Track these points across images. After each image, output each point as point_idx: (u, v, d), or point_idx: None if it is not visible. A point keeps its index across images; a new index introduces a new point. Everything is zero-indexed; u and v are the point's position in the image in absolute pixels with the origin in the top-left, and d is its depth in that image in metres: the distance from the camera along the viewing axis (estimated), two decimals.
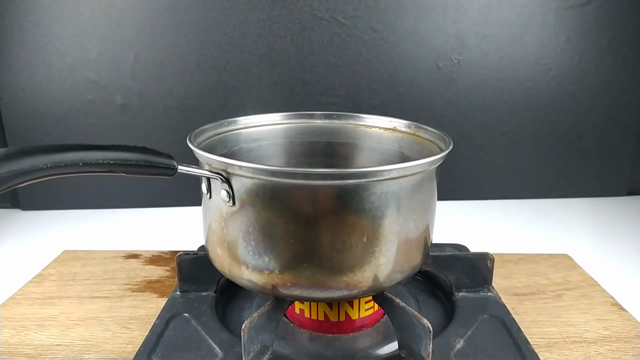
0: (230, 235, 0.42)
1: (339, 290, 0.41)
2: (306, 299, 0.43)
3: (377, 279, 0.41)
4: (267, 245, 0.40)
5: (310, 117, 0.58)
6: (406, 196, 0.41)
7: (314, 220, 0.39)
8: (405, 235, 0.42)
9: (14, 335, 0.52)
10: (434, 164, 0.43)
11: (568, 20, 0.85)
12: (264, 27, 0.83)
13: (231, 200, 0.40)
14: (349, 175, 0.38)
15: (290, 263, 0.40)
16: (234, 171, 0.39)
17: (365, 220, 0.39)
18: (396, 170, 0.39)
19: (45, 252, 0.71)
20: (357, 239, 0.39)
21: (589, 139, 0.92)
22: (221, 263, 0.45)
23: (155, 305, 0.57)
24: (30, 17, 0.81)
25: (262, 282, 0.41)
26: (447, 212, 0.90)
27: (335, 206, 0.38)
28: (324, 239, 0.39)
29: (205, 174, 0.41)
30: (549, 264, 0.67)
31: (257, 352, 0.43)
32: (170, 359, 0.44)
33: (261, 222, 0.40)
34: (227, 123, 0.54)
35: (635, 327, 0.53)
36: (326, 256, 0.39)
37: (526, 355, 0.45)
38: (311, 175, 0.38)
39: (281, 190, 0.38)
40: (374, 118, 0.57)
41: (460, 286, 0.55)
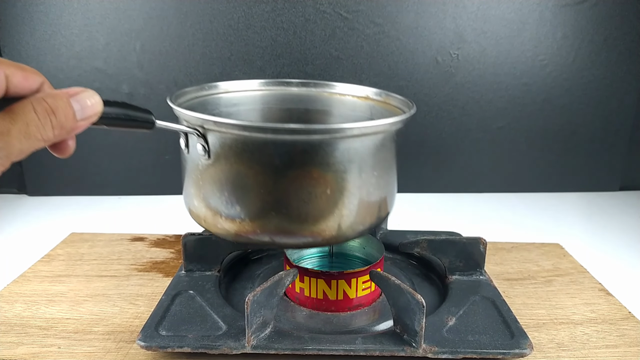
0: (206, 186, 0.45)
1: (304, 237, 0.44)
2: (274, 245, 0.46)
3: (339, 229, 0.45)
4: (239, 196, 0.43)
5: (288, 84, 0.61)
6: (368, 154, 0.44)
7: (282, 173, 0.42)
8: (367, 190, 0.45)
9: (26, 309, 0.54)
10: (394, 126, 0.45)
11: (564, 18, 0.87)
12: (268, 19, 0.85)
13: (207, 154, 0.43)
14: (314, 131, 0.41)
15: (260, 212, 0.43)
16: (210, 126, 0.42)
17: (329, 174, 0.42)
18: (358, 128, 0.43)
19: (52, 236, 0.74)
20: (321, 191, 0.42)
21: (583, 135, 0.94)
22: (197, 214, 0.47)
23: (161, 284, 0.59)
24: (40, 7, 0.83)
25: (235, 229, 0.44)
26: (443, 204, 0.93)
27: (301, 160, 0.42)
28: (290, 190, 0.42)
29: (182, 129, 0.44)
30: (541, 252, 0.69)
31: (259, 325, 0.45)
32: (176, 331, 0.47)
33: (234, 174, 0.43)
34: (208, 87, 0.57)
35: (620, 311, 0.55)
36: (293, 206, 0.43)
37: (515, 332, 0.47)
38: (279, 130, 0.41)
39: (252, 144, 0.41)
40: (347, 86, 0.60)
41: (454, 269, 0.57)
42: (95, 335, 0.50)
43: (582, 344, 0.49)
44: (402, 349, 0.45)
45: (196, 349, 0.45)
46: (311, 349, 0.45)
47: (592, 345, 0.49)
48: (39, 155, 0.58)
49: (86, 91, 0.33)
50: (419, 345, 0.44)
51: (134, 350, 0.47)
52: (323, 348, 0.45)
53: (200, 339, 0.45)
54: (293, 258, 0.57)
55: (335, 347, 0.45)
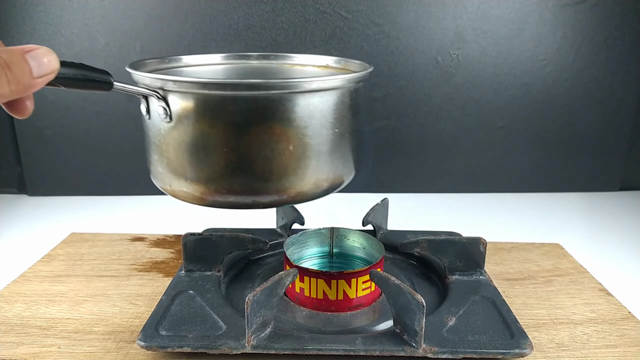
0: (170, 150, 0.45)
1: (269, 195, 0.44)
2: (240, 205, 0.46)
3: (304, 186, 0.45)
4: (203, 156, 0.43)
5: (249, 57, 0.61)
6: (328, 110, 0.45)
7: (244, 130, 0.42)
8: (329, 147, 0.46)
9: (26, 309, 0.54)
10: (349, 82, 0.46)
11: (564, 18, 0.87)
12: (268, 19, 0.85)
13: (168, 117, 0.43)
14: (273, 86, 0.42)
15: (225, 171, 0.43)
16: (169, 87, 0.42)
17: (290, 129, 0.43)
18: (315, 82, 0.43)
19: (52, 236, 0.73)
20: (284, 147, 0.43)
21: (583, 135, 0.94)
22: (162, 179, 0.47)
23: (161, 284, 0.59)
24: (41, 7, 0.83)
25: (200, 191, 0.45)
26: (443, 204, 0.93)
27: (262, 116, 0.42)
28: (253, 147, 0.43)
29: (141, 92, 0.44)
30: (541, 252, 0.69)
31: (259, 325, 0.45)
32: (176, 331, 0.47)
33: (196, 134, 0.43)
34: (169, 60, 0.57)
35: (620, 311, 0.55)
36: (257, 163, 0.43)
37: (515, 332, 0.47)
38: (239, 86, 0.41)
39: (212, 102, 0.42)
40: (307, 57, 0.61)
41: (454, 269, 0.57)
42: (95, 335, 0.50)
43: (582, 344, 0.49)
44: (402, 349, 0.45)
45: (196, 349, 0.45)
46: (311, 349, 0.45)
47: (592, 345, 0.49)
48: (39, 155, 0.59)
49: (42, 48, 0.33)
50: (419, 345, 0.44)
51: (134, 350, 0.47)
52: (323, 348, 0.45)
53: (200, 339, 0.45)
54: (293, 258, 0.58)
55: (335, 347, 0.45)
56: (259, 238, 0.58)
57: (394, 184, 0.96)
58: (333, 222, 0.65)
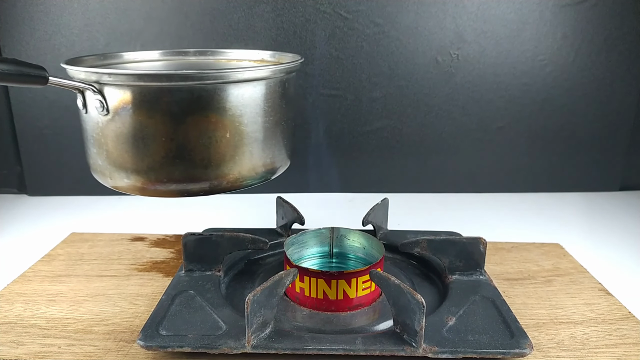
0: (109, 143, 0.46)
1: (209, 182, 0.46)
2: (181, 192, 0.47)
3: (242, 172, 0.47)
4: (142, 147, 0.44)
5: (186, 54, 0.63)
6: (261, 98, 0.47)
7: (181, 119, 0.44)
8: (264, 134, 0.48)
9: (26, 309, 0.54)
10: (280, 72, 0.48)
11: (564, 18, 0.87)
12: (268, 19, 0.85)
13: (105, 110, 0.44)
14: (207, 77, 0.43)
15: (165, 160, 0.45)
16: (105, 80, 0.43)
17: (226, 118, 0.45)
18: (247, 72, 0.45)
19: (52, 236, 0.74)
20: (221, 135, 0.45)
21: (583, 135, 0.94)
22: (103, 173, 0.48)
23: (161, 284, 0.59)
24: (41, 7, 0.83)
25: (142, 182, 0.46)
26: (443, 204, 0.93)
27: (198, 106, 0.44)
28: (191, 135, 0.44)
29: (77, 86, 0.44)
30: (541, 252, 0.69)
31: (259, 324, 0.45)
32: (176, 331, 0.47)
33: (134, 126, 0.44)
34: (105, 57, 0.57)
35: (620, 311, 0.55)
36: (195, 151, 0.44)
37: (515, 332, 0.47)
38: (173, 77, 0.42)
39: (149, 93, 0.43)
40: (243, 52, 0.62)
41: (454, 269, 0.57)
42: (96, 335, 0.50)
43: (582, 344, 0.49)
44: (402, 349, 0.45)
45: (196, 349, 0.45)
46: (311, 349, 0.45)
47: (592, 345, 0.49)
48: (39, 155, 0.59)
49: None
50: (419, 345, 0.44)
51: (134, 350, 0.47)
52: (323, 348, 0.45)
53: (200, 339, 0.45)
54: (293, 258, 0.58)
55: (335, 347, 0.45)
56: (259, 238, 0.58)
57: (394, 184, 0.96)
58: (333, 222, 0.65)
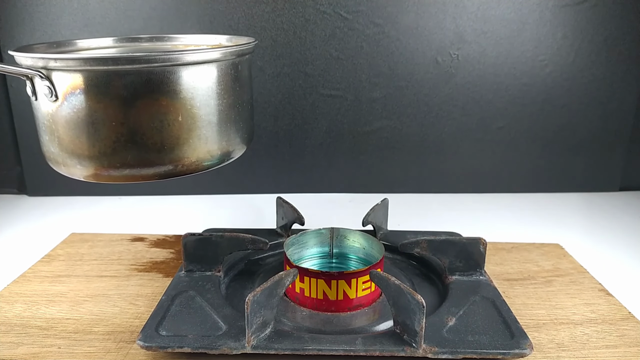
0: (60, 130, 0.45)
1: (164, 166, 0.45)
2: (135, 177, 0.46)
3: (198, 155, 0.46)
4: (93, 132, 0.44)
5: (141, 40, 0.62)
6: (212, 81, 0.46)
7: (131, 103, 0.43)
8: (219, 117, 0.47)
9: (26, 309, 0.54)
10: (231, 55, 0.48)
11: (564, 18, 0.87)
12: (268, 20, 0.85)
13: (54, 96, 0.44)
14: (154, 59, 0.42)
15: (117, 145, 0.44)
16: (52, 66, 0.43)
17: (177, 101, 0.44)
18: (195, 54, 0.44)
19: (52, 236, 0.74)
20: (173, 118, 0.44)
21: (583, 135, 0.94)
22: (56, 160, 0.48)
23: (161, 284, 0.59)
24: (41, 7, 0.83)
25: (95, 167, 0.45)
26: (443, 204, 0.93)
27: (147, 89, 0.43)
28: (143, 119, 0.43)
29: (23, 72, 0.44)
30: (541, 252, 0.69)
31: (259, 325, 0.45)
32: (176, 331, 0.47)
33: (84, 111, 0.43)
34: (57, 44, 0.57)
35: (620, 311, 0.55)
36: (147, 135, 0.44)
37: (515, 333, 0.47)
38: (120, 60, 0.42)
39: (97, 78, 0.42)
40: (199, 37, 0.62)
41: (454, 270, 0.57)
42: (95, 335, 0.50)
43: (582, 344, 0.49)
44: (402, 349, 0.45)
45: (196, 349, 0.45)
46: (311, 349, 0.45)
47: (592, 345, 0.49)
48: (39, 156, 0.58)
49: None
50: (419, 346, 0.44)
51: (134, 351, 0.47)
52: (323, 348, 0.45)
53: (200, 339, 0.45)
54: (293, 258, 0.58)
55: (335, 347, 0.45)
56: (259, 238, 0.58)
57: (394, 184, 0.96)
58: (333, 222, 0.65)
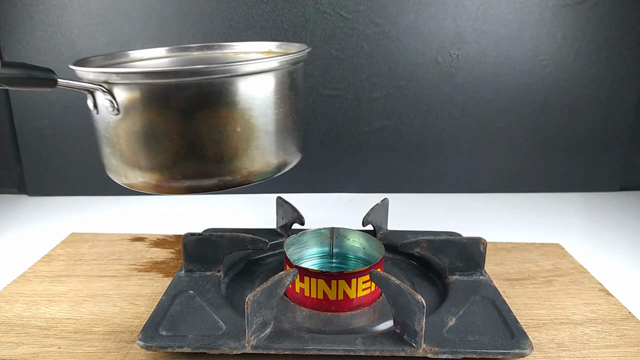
0: (121, 142, 0.46)
1: (223, 177, 0.45)
2: (195, 189, 0.46)
3: (255, 165, 0.46)
4: (154, 145, 0.44)
5: (193, 49, 0.63)
6: (269, 90, 0.46)
7: (191, 116, 0.43)
8: (276, 126, 0.47)
9: (26, 309, 0.54)
10: (288, 63, 0.48)
11: (564, 18, 0.87)
12: (268, 19, 0.85)
13: (115, 109, 0.44)
14: (213, 71, 0.43)
15: (177, 157, 0.44)
16: (114, 80, 0.43)
17: (236, 112, 0.44)
18: (253, 65, 0.44)
19: (52, 236, 0.74)
20: (231, 129, 0.44)
21: (583, 135, 0.94)
22: (117, 172, 0.48)
23: (161, 284, 0.59)
24: (41, 7, 0.83)
25: (156, 179, 0.45)
26: (443, 204, 0.93)
27: (207, 101, 0.43)
28: (202, 131, 0.44)
29: (86, 86, 0.44)
30: (541, 252, 0.69)
31: (259, 325, 0.45)
32: (176, 331, 0.47)
33: (145, 124, 0.44)
34: (113, 56, 0.57)
35: (620, 311, 0.55)
36: (207, 147, 0.44)
37: (515, 333, 0.47)
38: (181, 73, 0.42)
39: (157, 90, 0.43)
40: (250, 44, 0.63)
41: (454, 269, 0.57)
42: (95, 335, 0.50)
43: (582, 344, 0.49)
44: (402, 349, 0.45)
45: (196, 349, 0.45)
46: (311, 349, 0.45)
47: (592, 345, 0.49)
48: (39, 156, 0.59)
49: None
50: (419, 346, 0.44)
51: (134, 350, 0.47)
52: (323, 348, 0.45)
53: (200, 339, 0.45)
54: (293, 258, 0.58)
55: (335, 347, 0.45)
56: (259, 238, 0.58)
57: (394, 184, 0.96)
58: (333, 222, 0.65)
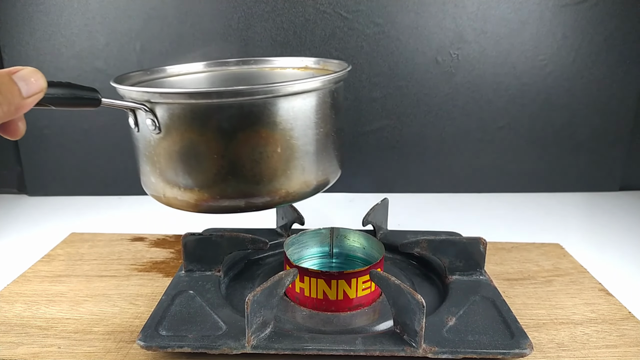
0: (161, 161, 0.46)
1: (261, 198, 0.45)
2: (234, 209, 0.46)
3: (294, 186, 0.46)
4: (194, 164, 0.44)
5: (230, 64, 0.63)
6: (311, 110, 0.46)
7: (232, 136, 0.43)
8: (316, 147, 0.47)
9: (26, 309, 0.54)
10: (330, 83, 0.47)
11: (564, 18, 0.87)
12: (268, 19, 0.85)
13: (157, 128, 0.44)
14: (256, 92, 0.43)
15: (217, 177, 0.44)
16: (156, 99, 0.43)
17: (277, 132, 0.44)
18: (297, 85, 0.44)
19: (52, 236, 0.74)
20: (272, 150, 0.44)
21: (583, 135, 0.94)
22: (156, 189, 0.48)
23: (161, 284, 0.59)
24: (41, 7, 0.83)
25: (195, 199, 0.45)
26: (443, 204, 0.93)
27: (248, 121, 0.43)
28: (243, 152, 0.44)
29: (129, 105, 0.44)
30: (541, 252, 0.69)
31: (259, 325, 0.45)
32: (176, 331, 0.47)
33: (186, 143, 0.44)
34: (151, 72, 0.57)
35: (620, 311, 0.55)
36: (247, 167, 0.44)
37: (515, 332, 0.47)
38: (223, 94, 0.42)
39: (200, 111, 0.43)
40: (286, 59, 0.62)
41: (454, 269, 0.57)
42: (95, 335, 0.50)
43: (582, 344, 0.49)
44: (402, 349, 0.45)
45: (196, 349, 0.45)
46: (311, 349, 0.45)
47: (592, 345, 0.49)
48: (39, 155, 0.59)
49: (27, 68, 0.33)
50: (419, 345, 0.44)
51: (134, 350, 0.47)
52: (323, 348, 0.45)
53: (200, 339, 0.45)
54: (293, 258, 0.58)
55: (335, 347, 0.45)
56: (259, 238, 0.58)
57: (394, 184, 0.96)
58: (333, 222, 0.65)
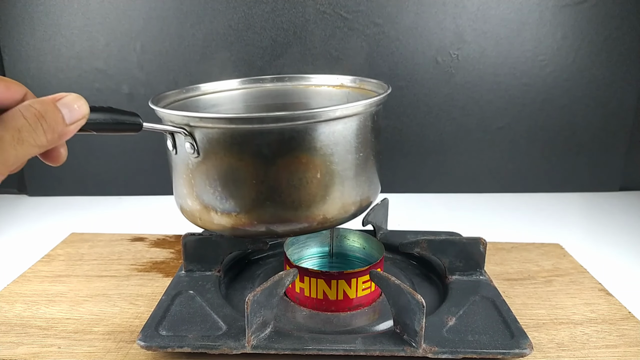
0: (198, 184, 0.45)
1: (299, 223, 0.45)
2: (271, 234, 0.46)
3: (332, 212, 0.46)
4: (232, 189, 0.44)
5: (264, 81, 0.62)
6: (352, 135, 0.45)
7: (272, 161, 0.43)
8: (355, 171, 0.46)
9: (26, 309, 0.54)
10: (371, 107, 0.47)
11: (564, 18, 0.87)
12: (268, 19, 0.85)
13: (195, 152, 0.44)
14: (298, 117, 0.42)
15: (255, 202, 0.44)
16: (196, 123, 0.43)
17: (317, 158, 0.43)
18: (340, 110, 0.43)
19: (52, 236, 0.74)
20: (311, 176, 0.44)
21: (583, 135, 0.94)
22: (192, 213, 0.48)
23: (161, 284, 0.59)
24: (41, 7, 0.83)
25: (231, 223, 0.45)
26: (443, 204, 0.93)
27: (289, 147, 0.43)
28: (282, 177, 0.43)
29: (169, 129, 0.44)
30: (541, 252, 0.69)
31: (259, 325, 0.45)
32: (176, 331, 0.47)
33: (224, 168, 0.43)
34: (187, 90, 0.57)
35: (620, 311, 0.55)
36: (286, 193, 0.44)
37: (515, 333, 0.47)
38: (265, 119, 0.42)
39: (240, 136, 0.42)
40: (322, 77, 0.61)
41: (454, 269, 0.57)
42: (95, 335, 0.50)
43: (582, 344, 0.49)
44: (402, 349, 0.45)
45: (196, 349, 0.45)
46: (311, 349, 0.45)
47: (592, 345, 0.49)
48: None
49: (70, 95, 0.33)
50: (419, 345, 0.44)
51: (134, 350, 0.47)
52: (323, 348, 0.45)
53: (200, 339, 0.45)
54: (293, 258, 0.58)
55: (335, 347, 0.45)
56: (259, 238, 0.58)
57: (394, 184, 0.96)
58: None
